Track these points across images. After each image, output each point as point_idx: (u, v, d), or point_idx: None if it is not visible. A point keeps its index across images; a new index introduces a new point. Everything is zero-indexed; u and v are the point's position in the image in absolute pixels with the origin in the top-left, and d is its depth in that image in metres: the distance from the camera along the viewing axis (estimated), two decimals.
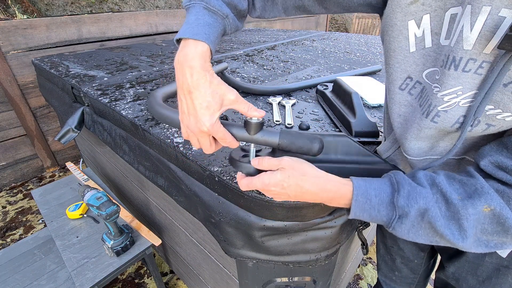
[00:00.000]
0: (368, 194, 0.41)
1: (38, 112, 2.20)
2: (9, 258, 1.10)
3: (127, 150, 0.93)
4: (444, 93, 0.39)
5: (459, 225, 0.37)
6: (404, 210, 0.38)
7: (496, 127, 0.38)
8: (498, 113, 0.36)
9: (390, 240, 0.79)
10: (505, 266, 0.54)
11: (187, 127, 0.43)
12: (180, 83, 0.41)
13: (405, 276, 0.82)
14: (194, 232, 0.91)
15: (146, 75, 1.29)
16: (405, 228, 0.40)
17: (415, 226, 0.39)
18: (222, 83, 0.42)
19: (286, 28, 4.21)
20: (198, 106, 0.40)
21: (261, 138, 0.45)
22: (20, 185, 2.26)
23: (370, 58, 1.62)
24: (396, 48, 0.43)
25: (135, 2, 3.58)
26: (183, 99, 0.42)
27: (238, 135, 0.45)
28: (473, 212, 0.36)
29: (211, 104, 0.40)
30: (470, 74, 0.36)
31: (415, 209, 0.38)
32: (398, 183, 0.40)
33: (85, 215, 1.20)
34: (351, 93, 0.82)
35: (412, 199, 0.38)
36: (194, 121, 0.41)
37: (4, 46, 1.91)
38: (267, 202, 0.53)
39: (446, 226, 0.37)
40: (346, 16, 6.66)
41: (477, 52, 0.35)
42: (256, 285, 0.73)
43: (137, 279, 1.49)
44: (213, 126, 0.41)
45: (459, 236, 0.37)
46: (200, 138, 0.44)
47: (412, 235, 0.40)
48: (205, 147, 0.45)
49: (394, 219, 0.39)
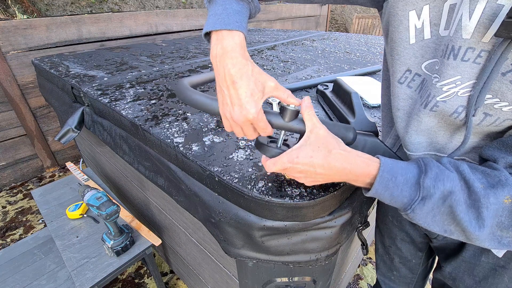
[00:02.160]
0: (394, 172, 0.40)
1: (38, 112, 2.20)
2: (9, 258, 1.10)
3: (127, 150, 0.93)
4: (443, 83, 0.39)
5: (479, 213, 0.36)
6: (430, 191, 0.37)
7: (493, 117, 0.38)
8: (496, 102, 0.36)
9: (388, 239, 0.79)
10: (501, 266, 0.54)
11: (232, 118, 0.43)
12: (222, 75, 0.41)
13: (403, 276, 0.82)
14: (194, 232, 0.91)
15: (146, 75, 1.29)
16: (425, 211, 0.38)
17: (435, 209, 0.38)
18: (262, 72, 0.42)
19: (286, 28, 4.21)
20: (243, 95, 0.40)
21: (296, 125, 0.45)
22: (20, 185, 2.26)
23: (370, 58, 1.62)
24: (397, 39, 0.43)
25: (135, 2, 3.58)
26: (225, 91, 0.42)
27: (274, 122, 0.45)
28: (494, 201, 0.35)
29: (255, 92, 0.40)
30: (469, 63, 0.36)
31: (440, 191, 0.37)
32: (426, 165, 0.39)
33: (85, 215, 1.20)
34: (350, 93, 0.82)
35: (439, 181, 0.37)
36: (239, 110, 0.41)
37: (4, 46, 1.91)
38: (267, 202, 0.53)
39: (466, 212, 0.36)
40: (346, 16, 6.66)
41: (476, 41, 0.35)
42: (256, 285, 0.73)
43: (137, 279, 1.49)
44: (258, 113, 0.41)
45: (476, 224, 0.36)
46: (244, 127, 0.44)
47: (429, 220, 0.39)
48: (250, 134, 0.45)
49: (417, 200, 0.38)
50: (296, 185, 0.55)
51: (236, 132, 0.46)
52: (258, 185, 0.55)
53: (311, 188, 0.55)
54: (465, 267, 0.59)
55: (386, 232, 0.79)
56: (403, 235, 0.74)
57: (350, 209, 0.60)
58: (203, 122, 0.81)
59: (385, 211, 0.77)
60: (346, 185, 0.56)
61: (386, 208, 0.76)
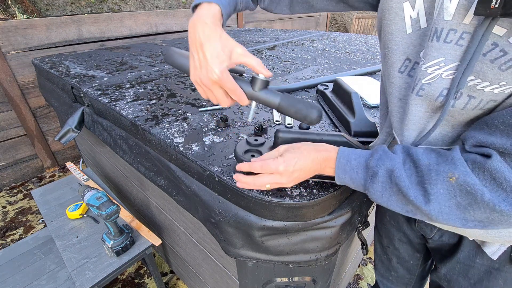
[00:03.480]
0: (350, 158, 0.45)
1: (38, 112, 2.20)
2: (9, 258, 1.10)
3: (127, 150, 0.93)
4: (428, 65, 0.40)
5: (423, 188, 0.37)
6: (374, 170, 0.41)
7: (477, 99, 0.38)
8: (478, 83, 0.37)
9: (386, 240, 0.79)
10: (496, 268, 0.54)
11: (201, 81, 0.46)
12: (193, 39, 0.45)
13: (401, 277, 0.82)
14: (194, 232, 0.91)
15: (146, 75, 1.29)
16: (377, 190, 0.42)
17: (387, 189, 0.41)
18: (231, 39, 0.46)
19: (286, 28, 4.21)
20: (209, 56, 0.43)
21: (264, 95, 0.48)
22: (20, 185, 2.26)
23: (370, 58, 1.62)
24: (394, 30, 0.44)
25: (135, 2, 3.58)
26: (195, 54, 0.45)
27: (244, 90, 0.47)
28: (436, 177, 0.36)
29: (221, 54, 0.43)
30: (452, 45, 0.37)
31: (383, 169, 0.40)
32: (375, 150, 0.44)
33: (85, 215, 1.20)
34: (350, 93, 0.82)
35: (381, 160, 0.41)
36: (205, 72, 0.44)
37: (4, 46, 1.91)
38: (267, 202, 0.53)
39: (411, 188, 0.38)
40: (346, 16, 6.66)
41: (457, 22, 0.36)
42: (256, 285, 0.73)
43: (137, 279, 1.49)
44: (222, 73, 0.44)
45: (423, 199, 0.37)
46: (214, 90, 0.46)
47: (386, 200, 0.42)
48: (222, 99, 0.48)
49: (368, 179, 0.42)
50: (296, 185, 0.55)
51: (211, 98, 0.48)
52: None
53: (311, 188, 0.55)
54: (460, 268, 0.59)
55: (384, 232, 0.79)
56: (400, 236, 0.74)
57: (350, 209, 0.60)
58: (203, 122, 0.81)
59: (383, 211, 0.77)
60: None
61: (384, 208, 0.76)
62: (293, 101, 0.48)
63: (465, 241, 0.57)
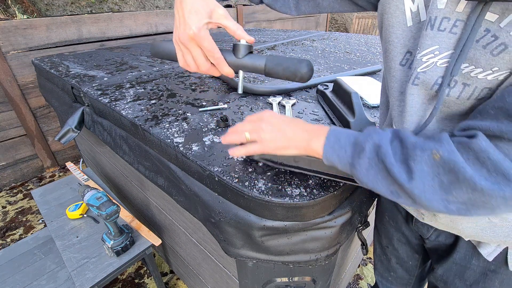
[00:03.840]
0: (340, 136, 0.44)
1: (38, 112, 2.20)
2: (9, 258, 1.10)
3: (127, 150, 0.93)
4: (422, 53, 0.40)
5: (407, 165, 0.36)
6: (362, 145, 0.40)
7: (471, 87, 0.38)
8: (472, 70, 0.37)
9: (385, 240, 0.79)
10: (492, 270, 0.54)
11: (179, 38, 0.44)
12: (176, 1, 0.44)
13: (400, 277, 0.82)
14: (194, 232, 0.91)
15: (146, 75, 1.29)
16: (363, 166, 0.40)
17: (373, 166, 0.39)
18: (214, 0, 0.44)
19: (286, 28, 4.21)
20: (186, 12, 0.42)
21: (249, 61, 0.46)
22: (20, 185, 2.26)
23: (370, 58, 1.62)
24: (394, 23, 0.44)
25: (135, 2, 3.58)
26: (176, 14, 0.44)
27: (227, 59, 0.46)
28: (421, 155, 0.35)
29: (200, 10, 0.42)
30: (445, 33, 0.37)
31: (371, 144, 0.39)
32: (366, 128, 0.43)
33: (85, 215, 1.20)
34: (350, 93, 0.82)
35: (369, 136, 0.40)
36: (183, 27, 0.43)
37: (4, 46, 1.91)
38: (267, 202, 0.53)
39: (395, 164, 0.37)
40: (346, 16, 6.66)
41: (450, 10, 0.36)
42: (256, 285, 0.73)
43: (137, 279, 1.49)
44: (199, 29, 0.42)
45: (406, 176, 0.36)
46: (191, 49, 0.45)
47: (372, 179, 0.40)
48: (200, 62, 0.46)
49: (355, 156, 0.41)
50: (296, 185, 0.55)
51: (189, 62, 0.46)
52: (258, 185, 0.55)
53: (311, 188, 0.55)
54: (456, 269, 0.59)
55: (383, 232, 0.79)
56: (399, 236, 0.74)
57: (350, 209, 0.60)
58: (203, 122, 0.81)
59: (383, 211, 0.77)
60: (346, 185, 0.56)
61: (384, 208, 0.76)
62: (279, 59, 0.45)
63: (461, 242, 0.57)
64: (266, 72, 0.46)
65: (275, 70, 0.45)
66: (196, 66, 0.47)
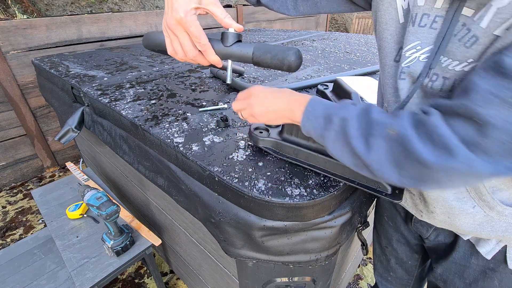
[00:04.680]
0: (316, 106, 0.44)
1: (38, 112, 2.20)
2: (9, 258, 1.10)
3: (127, 150, 0.93)
4: (406, 48, 0.42)
5: (366, 139, 0.37)
6: (331, 118, 0.41)
7: (450, 80, 0.39)
8: (449, 63, 0.38)
9: (385, 240, 0.79)
10: (491, 269, 0.54)
11: (166, 23, 0.44)
12: None
13: (400, 277, 0.82)
14: (194, 232, 0.91)
15: (146, 75, 1.29)
16: (331, 138, 0.41)
17: (339, 139, 0.40)
18: None
19: (286, 28, 4.21)
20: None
21: (236, 49, 0.45)
22: (20, 185, 2.26)
23: (370, 58, 1.62)
24: (388, 20, 0.45)
25: (135, 2, 3.58)
26: (165, 1, 0.44)
27: (216, 49, 0.45)
28: (380, 130, 0.37)
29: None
30: (426, 29, 0.39)
31: (338, 117, 0.40)
32: (341, 102, 0.44)
33: (85, 215, 1.20)
34: (350, 93, 0.82)
35: (339, 109, 0.41)
36: (170, 12, 0.43)
37: (4, 46, 1.91)
38: (267, 202, 0.53)
39: (356, 137, 0.38)
40: (346, 16, 6.66)
41: (429, 7, 0.38)
42: (256, 285, 0.73)
43: (137, 279, 1.49)
44: (186, 13, 0.42)
45: (364, 149, 0.37)
46: (179, 34, 0.44)
47: (339, 151, 0.42)
48: (188, 47, 0.45)
49: (325, 127, 0.42)
50: (296, 185, 0.55)
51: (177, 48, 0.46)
52: (258, 185, 0.55)
53: (311, 188, 0.55)
54: (455, 269, 0.59)
55: (383, 232, 0.79)
56: (398, 236, 0.74)
57: (350, 209, 0.60)
58: (203, 122, 0.81)
59: (382, 212, 0.77)
60: (346, 185, 0.56)
61: (383, 208, 0.76)
62: (267, 47, 0.45)
63: (460, 241, 0.57)
64: (254, 61, 0.46)
65: (263, 58, 0.45)
66: (183, 52, 0.46)
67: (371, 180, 0.52)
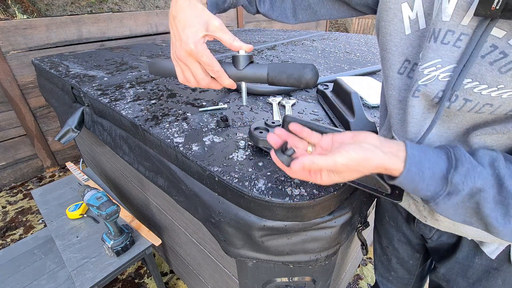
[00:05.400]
0: (422, 166, 0.36)
1: (38, 112, 2.20)
2: (9, 258, 1.10)
3: (127, 150, 0.93)
4: (424, 66, 0.39)
5: (507, 209, 0.34)
6: (458, 187, 0.35)
7: (473, 102, 0.37)
8: (475, 85, 0.36)
9: (386, 240, 0.79)
10: (495, 268, 0.54)
11: (176, 55, 0.43)
12: (169, 16, 0.43)
13: (401, 277, 0.82)
14: (194, 232, 0.91)
15: (146, 75, 1.29)
16: (449, 205, 0.37)
17: (460, 205, 0.36)
18: (207, 10, 0.43)
19: (286, 28, 4.21)
20: (181, 27, 0.41)
21: (250, 71, 0.44)
22: (20, 185, 2.26)
23: (370, 58, 1.62)
24: (392, 31, 0.44)
25: (135, 2, 3.58)
26: (171, 30, 0.43)
27: (227, 72, 0.44)
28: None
29: (194, 23, 0.41)
30: (449, 46, 0.36)
31: (469, 188, 0.35)
32: (457, 159, 0.36)
33: (85, 215, 1.20)
34: (350, 93, 0.82)
35: (469, 178, 0.35)
36: (179, 43, 0.41)
37: (4, 46, 1.91)
38: (267, 202, 0.53)
39: (493, 209, 0.34)
40: None
41: (455, 23, 0.35)
42: (256, 285, 0.73)
43: (137, 279, 1.49)
44: (196, 44, 0.41)
45: (502, 221, 0.34)
46: (190, 65, 0.43)
47: (451, 212, 0.38)
48: (200, 77, 0.44)
49: (442, 194, 0.36)
50: (296, 185, 0.55)
51: (189, 78, 0.45)
52: (258, 185, 0.55)
53: (311, 188, 0.55)
54: (459, 268, 0.59)
55: (384, 232, 0.79)
56: (399, 236, 0.74)
57: (350, 209, 0.60)
58: (203, 122, 0.81)
59: (382, 212, 0.77)
60: (346, 185, 0.56)
61: (383, 208, 0.76)
62: (282, 67, 0.44)
63: (464, 241, 0.57)
64: (269, 81, 0.44)
65: (278, 78, 0.44)
66: (196, 81, 0.45)
67: (371, 180, 0.52)
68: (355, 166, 0.37)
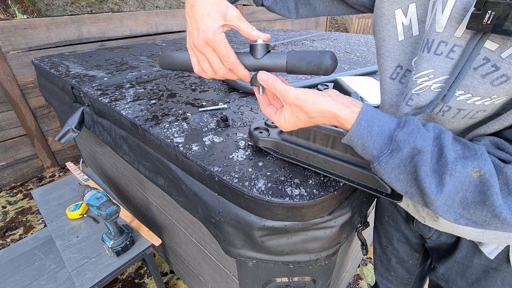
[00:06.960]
0: (372, 123, 0.38)
1: (38, 112, 2.20)
2: (9, 258, 1.10)
3: (127, 150, 0.93)
4: (418, 75, 0.40)
5: (441, 179, 0.34)
6: (399, 145, 0.36)
7: (467, 111, 0.37)
8: (468, 98, 0.36)
9: (385, 240, 0.79)
10: (493, 268, 0.54)
11: (193, 44, 0.42)
12: (186, 7, 0.42)
13: (400, 277, 0.82)
14: (194, 232, 0.91)
15: (146, 75, 1.29)
16: (390, 166, 0.37)
17: (401, 166, 0.36)
18: (225, 1, 0.42)
19: (286, 28, 4.21)
20: (199, 16, 0.40)
21: (268, 60, 0.43)
22: (20, 185, 2.26)
23: (370, 58, 1.62)
24: (385, 37, 0.44)
25: (135, 2, 3.58)
26: (188, 19, 0.42)
27: (246, 62, 0.44)
28: (461, 170, 0.33)
29: (212, 12, 0.40)
30: (442, 57, 0.37)
31: (411, 147, 0.35)
32: (406, 122, 0.37)
33: (85, 215, 1.20)
34: (350, 93, 0.82)
35: (412, 136, 0.35)
36: (197, 32, 0.41)
37: (4, 46, 1.91)
38: (267, 202, 0.53)
39: (428, 175, 0.34)
40: (346, 16, 6.66)
41: (448, 35, 0.35)
42: (256, 285, 0.73)
43: (137, 279, 1.49)
44: (214, 33, 0.40)
45: (436, 188, 0.34)
46: (207, 54, 0.42)
47: (393, 177, 0.38)
48: (218, 67, 0.43)
49: (385, 152, 0.37)
50: (296, 185, 0.55)
51: (205, 68, 0.44)
52: (258, 185, 0.55)
53: (311, 188, 0.55)
54: (458, 268, 0.59)
55: (383, 232, 0.79)
56: (399, 236, 0.74)
57: (350, 209, 0.60)
58: (203, 122, 0.81)
59: (382, 211, 0.77)
60: (346, 185, 0.56)
61: (383, 208, 0.76)
62: (301, 55, 0.43)
63: (462, 241, 0.57)
64: (288, 70, 0.44)
65: (298, 66, 0.43)
66: (213, 71, 0.45)
67: (371, 180, 0.52)
68: (304, 103, 0.40)
